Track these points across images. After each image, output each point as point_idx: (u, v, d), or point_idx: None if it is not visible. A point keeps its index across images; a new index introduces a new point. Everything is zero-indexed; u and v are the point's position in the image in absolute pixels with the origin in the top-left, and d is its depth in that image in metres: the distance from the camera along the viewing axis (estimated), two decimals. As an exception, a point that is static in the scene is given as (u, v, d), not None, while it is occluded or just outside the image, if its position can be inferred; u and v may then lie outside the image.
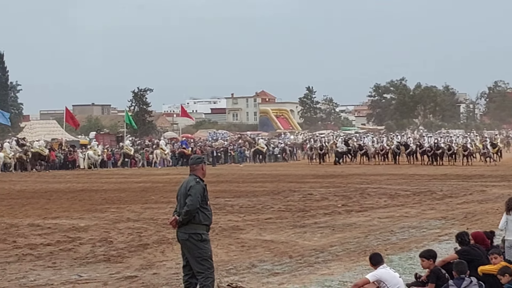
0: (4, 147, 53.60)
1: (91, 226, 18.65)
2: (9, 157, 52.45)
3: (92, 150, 57.32)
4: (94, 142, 60.66)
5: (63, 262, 13.40)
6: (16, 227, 18.59)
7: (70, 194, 29.57)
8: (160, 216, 20.63)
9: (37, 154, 54.09)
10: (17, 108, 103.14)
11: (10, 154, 52.52)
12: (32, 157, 53.99)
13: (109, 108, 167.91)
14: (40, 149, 54.18)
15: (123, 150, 60.51)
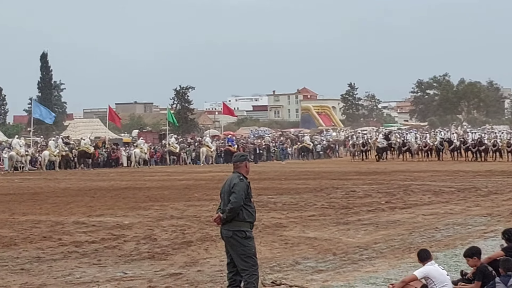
0: (49, 145, 54.28)
1: (135, 224, 18.76)
2: (54, 155, 53.08)
3: (139, 148, 57.79)
4: (140, 140, 61.11)
5: (108, 260, 13.50)
6: (62, 224, 18.76)
7: (114, 192, 29.80)
8: (203, 214, 20.69)
9: (83, 152, 54.72)
10: (61, 107, 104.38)
11: (55, 152, 53.14)
12: (78, 155, 54.65)
13: (151, 106, 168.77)
14: (85, 147, 54.81)
15: (168, 148, 60.99)
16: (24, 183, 37.80)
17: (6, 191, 31.71)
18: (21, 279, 11.76)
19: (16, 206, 24.07)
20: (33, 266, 12.89)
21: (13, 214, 21.43)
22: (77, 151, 55.01)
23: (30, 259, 13.52)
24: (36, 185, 35.75)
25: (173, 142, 61.92)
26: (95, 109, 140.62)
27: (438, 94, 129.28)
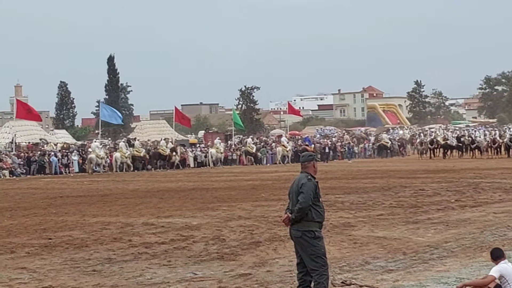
0: (120, 147, 55.15)
1: (203, 225, 18.85)
2: (125, 156, 53.88)
3: (215, 148, 58.52)
4: (217, 140, 61.90)
5: (177, 260, 13.58)
6: (131, 226, 18.95)
7: (181, 193, 30.01)
8: (271, 214, 20.69)
9: (158, 153, 55.45)
10: (128, 109, 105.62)
11: (126, 154, 53.93)
12: (152, 157, 55.42)
13: (216, 107, 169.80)
14: (161, 149, 55.58)
15: (245, 148, 61.52)
16: (93, 185, 38.35)
17: (76, 193, 32.22)
18: (93, 280, 11.91)
19: (86, 208, 24.42)
20: (105, 267, 13.04)
21: (84, 216, 21.73)
22: (152, 153, 55.85)
23: (102, 261, 13.69)
24: (105, 187, 36.24)
25: (249, 142, 62.46)
26: (161, 111, 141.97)
27: (507, 90, 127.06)
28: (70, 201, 27.66)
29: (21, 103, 64.26)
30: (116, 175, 50.07)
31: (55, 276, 12.23)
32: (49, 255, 14.52)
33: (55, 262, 13.65)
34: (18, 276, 12.35)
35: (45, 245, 15.78)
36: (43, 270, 12.84)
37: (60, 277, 12.13)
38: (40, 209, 24.72)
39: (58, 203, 26.88)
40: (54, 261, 13.71)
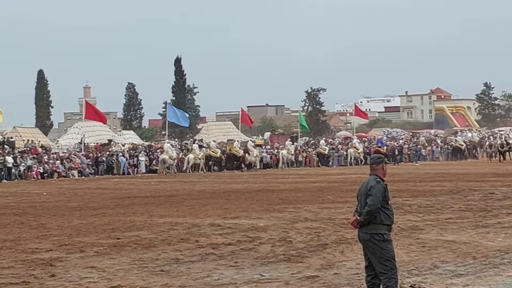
0: (193, 148, 55.87)
1: (270, 226, 18.84)
2: (198, 157, 54.59)
3: (286, 149, 59.11)
4: (288, 142, 62.49)
5: (244, 262, 13.59)
6: (198, 226, 19.06)
7: (247, 194, 30.08)
8: (338, 216, 20.59)
9: (232, 155, 56.12)
10: (194, 110, 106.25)
11: (199, 155, 54.65)
12: (227, 158, 56.10)
13: (282, 108, 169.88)
14: (234, 150, 56.24)
15: (317, 149, 61.87)
16: (160, 185, 38.72)
17: (144, 193, 32.57)
18: (161, 280, 11.99)
19: (153, 209, 24.65)
20: (172, 267, 13.12)
21: (151, 216, 21.94)
22: (226, 154, 56.60)
23: (169, 261, 13.78)
24: (172, 187, 36.56)
25: (322, 143, 62.83)
26: (227, 112, 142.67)
27: None
28: (138, 202, 27.96)
29: (90, 104, 65.25)
30: (183, 176, 50.51)
31: (124, 276, 12.35)
32: (117, 254, 14.68)
33: (123, 261, 13.79)
34: (87, 275, 12.51)
35: (113, 245, 15.96)
36: (112, 269, 12.98)
37: (129, 277, 12.25)
38: (108, 209, 25.05)
39: (126, 203, 27.20)
40: (122, 261, 13.85)
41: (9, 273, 12.70)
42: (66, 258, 14.25)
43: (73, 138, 70.08)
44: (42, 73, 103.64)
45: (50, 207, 26.49)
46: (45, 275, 12.52)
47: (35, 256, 14.62)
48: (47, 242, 16.68)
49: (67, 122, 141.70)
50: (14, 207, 26.57)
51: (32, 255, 14.71)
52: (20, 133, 70.10)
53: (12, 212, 24.67)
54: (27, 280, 12.05)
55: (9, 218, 22.35)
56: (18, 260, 14.15)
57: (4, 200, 30.60)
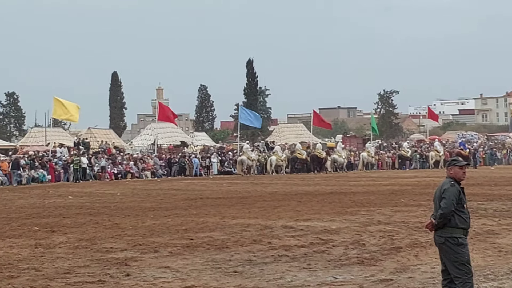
0: (275, 150, 56.30)
1: (343, 229, 18.74)
2: (281, 159, 55.04)
3: (366, 152, 59.47)
4: (368, 144, 62.78)
5: (317, 264, 13.54)
6: (270, 228, 19.07)
7: (319, 197, 30.00)
8: (411, 219, 20.36)
9: (315, 156, 56.66)
10: (266, 112, 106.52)
11: (282, 157, 55.09)
12: (311, 160, 56.58)
13: (354, 111, 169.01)
14: (318, 152, 56.80)
15: (399, 152, 62.01)
16: (232, 187, 38.88)
17: (216, 195, 32.76)
18: (235, 281, 12.02)
19: (226, 210, 24.76)
20: (245, 268, 13.14)
21: (224, 218, 22.04)
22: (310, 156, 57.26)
23: (242, 262, 13.81)
24: (243, 189, 36.68)
25: (405, 146, 62.97)
26: (298, 114, 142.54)
27: None
28: (210, 203, 28.13)
29: (163, 106, 65.92)
30: (254, 177, 50.67)
31: (198, 276, 12.43)
32: (191, 255, 14.78)
33: (197, 262, 13.88)
34: (162, 275, 12.62)
35: (187, 245, 16.08)
36: (186, 269, 13.08)
37: (202, 277, 12.32)
38: (181, 209, 25.26)
39: (198, 204, 27.40)
40: (196, 261, 13.94)
41: (85, 272, 12.90)
42: (140, 258, 14.41)
43: (146, 140, 70.87)
44: (116, 75, 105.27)
45: (124, 207, 26.85)
46: (120, 274, 12.68)
47: (110, 255, 14.83)
48: (122, 242, 16.91)
49: (140, 123, 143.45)
50: (89, 207, 27.00)
51: (107, 255, 14.92)
52: (94, 134, 71.26)
53: (87, 212, 25.07)
54: (103, 279, 12.22)
55: (84, 218, 22.72)
56: (93, 259, 14.37)
57: (79, 200, 31.13)
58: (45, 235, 18.40)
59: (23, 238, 17.75)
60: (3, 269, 13.25)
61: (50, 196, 33.64)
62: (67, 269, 13.17)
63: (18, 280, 12.16)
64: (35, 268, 13.34)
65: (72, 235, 18.25)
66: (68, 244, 16.62)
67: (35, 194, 35.23)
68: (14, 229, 19.77)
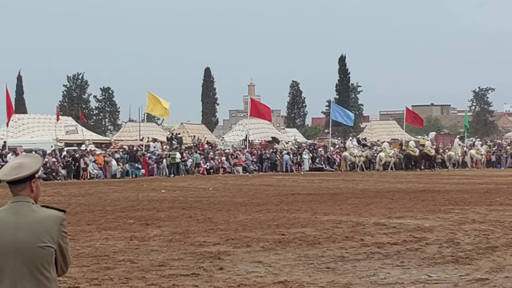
0: (384, 147, 56.34)
1: (436, 227, 18.48)
2: (389, 155, 55.05)
3: (453, 151, 58.84)
4: (456, 141, 62.04)
5: (411, 262, 13.38)
6: (362, 225, 18.94)
7: (412, 194, 29.66)
8: (507, 219, 19.95)
9: (425, 154, 56.66)
10: (358, 109, 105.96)
11: (390, 153, 55.12)
12: (420, 157, 56.58)
13: (448, 108, 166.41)
14: (427, 150, 56.73)
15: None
16: (323, 183, 38.82)
17: (307, 191, 32.75)
18: (327, 277, 11.99)
19: (317, 206, 24.72)
20: (338, 265, 13.09)
21: (315, 214, 22.00)
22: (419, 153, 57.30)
23: (334, 258, 13.76)
24: (335, 185, 36.57)
25: None
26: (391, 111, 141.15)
27: None
28: (301, 199, 28.14)
29: (255, 101, 66.24)
30: (345, 174, 50.49)
31: (290, 271, 12.44)
32: (283, 250, 14.81)
33: (289, 257, 13.89)
34: (254, 269, 12.69)
35: (279, 241, 16.12)
36: (278, 264, 13.10)
37: (295, 273, 12.33)
38: (272, 205, 25.34)
39: (289, 200, 27.44)
40: (288, 257, 13.96)
41: (179, 265, 13.07)
42: (233, 252, 14.52)
43: (238, 135, 71.47)
44: (209, 70, 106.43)
45: (216, 202, 27.10)
46: (213, 267, 12.80)
47: (203, 249, 14.98)
48: (215, 236, 17.06)
49: (231, 119, 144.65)
50: (182, 201, 27.35)
51: (201, 248, 15.08)
52: (187, 129, 72.25)
53: (180, 206, 25.39)
54: (197, 272, 12.36)
55: (177, 212, 23.02)
56: (187, 252, 14.53)
57: (172, 194, 31.57)
58: (139, 228, 18.72)
59: (119, 231, 18.10)
60: (100, 260, 13.54)
61: (144, 190, 34.24)
62: (162, 262, 13.37)
63: (114, 272, 12.40)
64: (131, 260, 13.58)
65: (166, 228, 18.52)
66: (162, 237, 16.87)
67: (129, 188, 35.91)
68: (110, 222, 20.19)
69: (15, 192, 4.84)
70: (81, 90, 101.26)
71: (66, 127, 62.85)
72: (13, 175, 4.79)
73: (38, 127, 64.58)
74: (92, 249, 14.95)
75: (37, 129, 63.69)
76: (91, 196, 30.65)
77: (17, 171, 4.79)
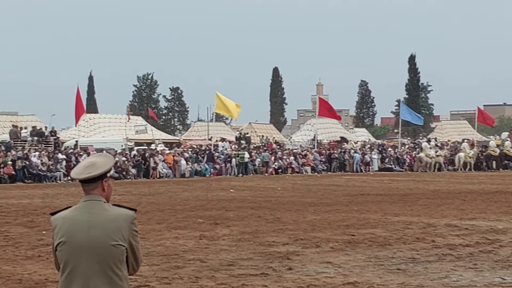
0: (463, 147, 55.85)
1: (510, 229, 18.12)
2: (469, 156, 54.62)
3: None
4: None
5: (483, 264, 13.11)
6: (433, 226, 18.68)
7: (484, 196, 29.17)
8: None
9: (504, 154, 56.16)
10: (428, 109, 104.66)
11: (470, 154, 54.71)
12: (498, 157, 56.13)
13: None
14: (506, 150, 56.27)
15: None
16: (393, 184, 38.46)
17: (377, 191, 32.47)
18: (398, 279, 11.82)
19: (387, 207, 24.48)
20: (409, 266, 12.90)
21: (385, 215, 21.78)
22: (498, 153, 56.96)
23: (405, 260, 13.57)
24: (405, 186, 36.22)
25: None
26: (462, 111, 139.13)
27: None
28: (371, 199, 27.91)
29: (323, 101, 66.00)
30: (415, 174, 49.94)
31: (360, 273, 12.30)
32: (352, 251, 14.68)
33: (359, 258, 13.76)
34: (324, 270, 12.59)
35: (348, 241, 15.98)
36: (348, 265, 12.98)
37: (365, 274, 12.19)
38: (341, 205, 25.18)
39: (359, 201, 27.23)
40: (358, 258, 13.82)
41: (248, 265, 13.04)
42: (302, 252, 14.44)
43: (306, 135, 71.32)
44: (277, 70, 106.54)
45: (285, 201, 27.04)
46: (282, 268, 12.74)
47: (272, 249, 14.93)
48: (283, 236, 17.00)
49: (299, 118, 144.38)
50: (251, 201, 27.37)
51: (270, 248, 15.03)
52: (255, 128, 72.40)
53: (249, 205, 25.41)
54: (266, 272, 12.31)
55: (246, 212, 23.03)
56: (256, 252, 14.51)
57: (241, 194, 31.62)
58: (209, 227, 18.77)
59: (188, 230, 18.17)
60: (170, 259, 13.60)
61: (213, 189, 34.39)
62: (231, 261, 13.36)
63: (184, 271, 12.44)
64: (200, 259, 13.61)
65: (235, 228, 18.53)
66: (231, 236, 16.88)
67: (199, 187, 36.11)
68: (180, 221, 20.29)
69: (87, 191, 4.87)
70: (150, 90, 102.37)
71: (136, 126, 63.57)
72: (85, 174, 4.82)
73: (109, 126, 65.49)
74: (162, 248, 15.03)
75: (108, 129, 64.59)
76: (161, 195, 30.91)
77: (89, 170, 4.81)
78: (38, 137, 51.10)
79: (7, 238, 16.84)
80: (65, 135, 61.89)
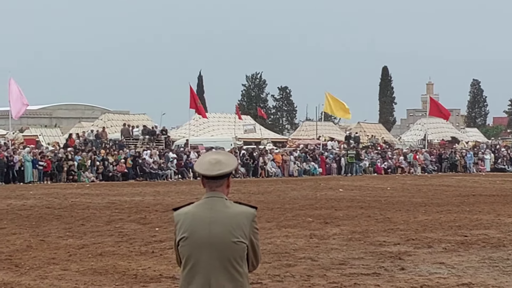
0: None
1: None
2: None
3: None
4: None
5: None
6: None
7: None
8: None
9: None
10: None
11: None
12: None
13: None
14: None
15: None
16: (506, 184, 37.63)
17: (489, 192, 31.84)
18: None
19: (500, 208, 23.97)
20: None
21: (499, 216, 21.35)
22: None
23: (521, 262, 13.28)
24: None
25: None
26: None
27: None
28: (483, 200, 27.38)
29: (434, 101, 65.01)
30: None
31: (474, 274, 12.11)
32: (465, 252, 14.45)
33: (472, 259, 13.54)
34: (436, 270, 12.44)
35: (461, 242, 15.74)
36: (461, 266, 12.80)
37: (479, 275, 11.99)
38: (453, 206, 24.79)
39: (470, 201, 26.76)
40: (471, 259, 13.60)
41: (359, 264, 13.02)
42: (414, 253, 14.31)
43: (416, 135, 70.41)
44: (386, 69, 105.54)
45: (395, 201, 26.81)
46: (394, 268, 12.66)
47: (384, 249, 14.85)
48: (394, 236, 16.88)
49: (409, 118, 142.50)
50: (360, 200, 27.25)
51: (381, 248, 14.95)
52: (364, 128, 71.94)
53: (358, 205, 25.31)
54: (378, 272, 12.26)
55: (355, 211, 22.96)
56: (367, 251, 14.46)
57: (350, 193, 31.53)
58: (318, 226, 18.80)
59: (298, 229, 18.25)
60: (281, 257, 13.70)
61: (322, 189, 34.38)
62: (342, 260, 13.36)
63: (295, 269, 12.51)
64: (311, 258, 13.66)
65: (345, 227, 18.50)
66: (341, 236, 16.87)
67: (307, 186, 36.18)
68: (289, 220, 20.39)
69: (213, 187, 4.93)
70: (259, 90, 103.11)
71: (245, 126, 64.12)
72: (216, 170, 4.87)
73: (218, 125, 66.26)
74: (273, 246, 15.15)
75: (217, 128, 65.36)
76: (269, 194, 31.11)
77: (219, 167, 4.88)
78: (149, 135, 52.20)
79: (122, 234, 17.29)
80: (175, 134, 62.95)
